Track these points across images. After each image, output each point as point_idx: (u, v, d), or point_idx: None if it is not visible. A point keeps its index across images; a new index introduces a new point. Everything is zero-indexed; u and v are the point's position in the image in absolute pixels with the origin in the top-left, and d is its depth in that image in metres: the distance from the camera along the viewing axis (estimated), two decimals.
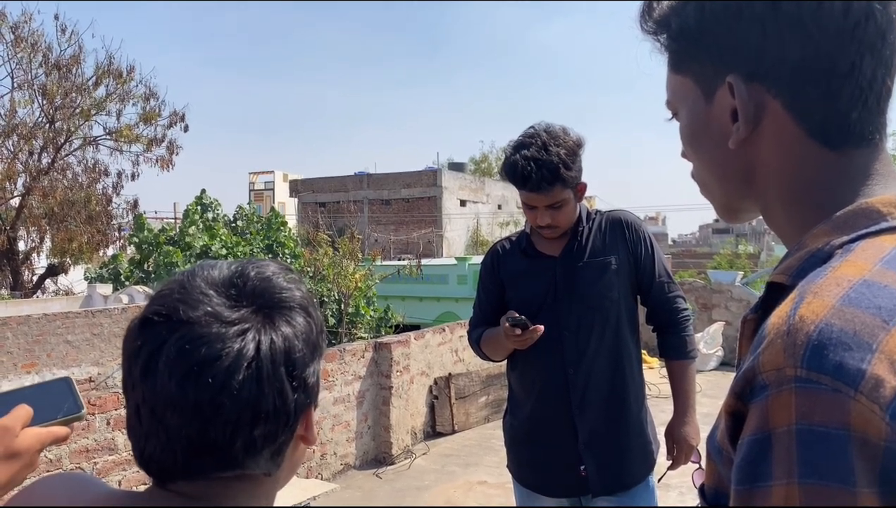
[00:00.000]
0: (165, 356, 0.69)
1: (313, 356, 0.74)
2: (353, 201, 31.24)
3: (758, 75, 0.66)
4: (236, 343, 0.68)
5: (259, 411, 0.69)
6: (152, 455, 0.71)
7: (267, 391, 0.69)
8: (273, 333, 0.71)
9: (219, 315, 0.70)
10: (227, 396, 0.67)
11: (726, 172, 0.73)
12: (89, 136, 18.37)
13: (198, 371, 0.68)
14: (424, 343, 6.78)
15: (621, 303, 2.20)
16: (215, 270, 0.76)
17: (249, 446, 0.70)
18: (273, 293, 0.74)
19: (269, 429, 0.70)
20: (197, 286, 0.73)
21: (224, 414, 0.68)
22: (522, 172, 2.05)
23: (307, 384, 0.73)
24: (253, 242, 17.02)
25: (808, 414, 0.51)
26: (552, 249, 2.23)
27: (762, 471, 0.53)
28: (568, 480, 2.19)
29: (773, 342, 0.55)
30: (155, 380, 0.69)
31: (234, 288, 0.73)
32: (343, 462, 5.86)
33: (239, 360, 0.68)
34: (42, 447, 0.91)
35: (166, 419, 0.69)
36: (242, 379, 0.68)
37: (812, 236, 0.66)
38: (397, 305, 16.86)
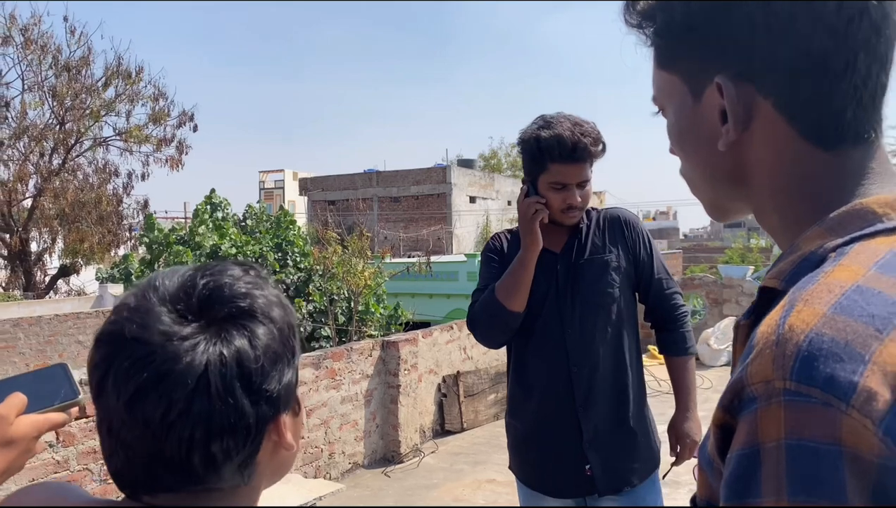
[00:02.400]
0: (113, 376, 0.68)
1: (275, 365, 0.71)
2: (362, 199, 31.27)
3: (748, 75, 0.63)
4: (183, 361, 0.66)
5: (212, 427, 0.67)
6: (118, 470, 0.71)
7: (219, 408, 0.66)
8: (223, 347, 0.68)
9: (166, 332, 0.68)
10: (175, 415, 0.66)
11: (715, 173, 0.70)
12: (99, 137, 18.48)
13: (144, 391, 0.66)
14: (432, 341, 6.77)
15: (622, 300, 2.18)
16: (168, 280, 0.73)
17: (208, 462, 0.68)
18: (224, 303, 0.71)
19: (228, 444, 0.68)
20: (147, 302, 0.71)
21: (175, 432, 0.66)
22: (571, 140, 2.04)
23: (270, 394, 0.70)
24: (262, 240, 17.06)
25: (798, 429, 0.49)
26: (553, 244, 2.20)
27: (751, 488, 0.51)
28: (573, 480, 2.16)
29: (762, 353, 0.53)
30: (107, 399, 0.68)
31: (180, 302, 0.70)
32: (351, 460, 5.85)
33: (185, 378, 0.66)
34: (39, 433, 0.91)
35: (122, 436, 0.68)
36: (190, 397, 0.66)
37: (806, 238, 0.63)
38: (407, 302, 16.87)
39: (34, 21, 17.16)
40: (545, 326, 2.18)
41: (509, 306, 2.13)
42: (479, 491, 5.36)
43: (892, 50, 0.63)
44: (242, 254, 16.30)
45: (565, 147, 2.05)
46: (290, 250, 17.12)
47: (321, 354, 5.66)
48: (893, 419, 0.47)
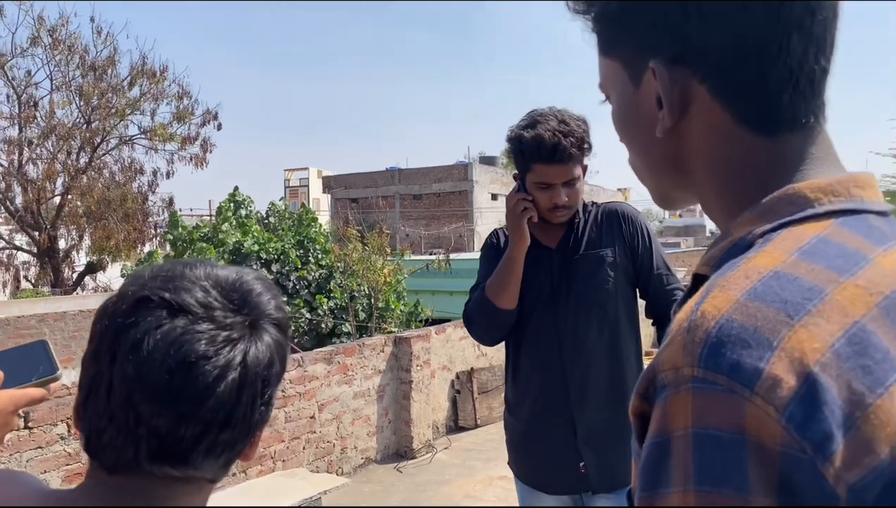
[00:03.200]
0: (161, 339, 0.67)
1: (279, 377, 0.76)
2: (382, 197, 31.37)
3: (682, 59, 0.62)
4: (229, 347, 0.69)
5: (230, 417, 0.70)
6: (109, 443, 0.69)
7: (243, 401, 0.70)
8: (261, 346, 0.72)
9: (219, 317, 0.71)
10: (209, 396, 0.68)
11: (656, 160, 0.70)
12: (125, 135, 18.73)
13: (190, 364, 0.67)
14: (445, 338, 6.78)
15: (619, 296, 2.15)
16: (219, 269, 0.76)
17: (211, 449, 0.70)
18: (265, 308, 0.75)
19: (233, 437, 0.71)
20: (201, 281, 0.73)
21: (201, 413, 0.68)
22: (550, 142, 2.02)
23: (271, 401, 0.75)
24: (284, 238, 17.20)
25: (704, 417, 0.48)
26: (549, 240, 2.19)
27: (662, 477, 0.50)
28: (568, 477, 2.15)
29: (674, 340, 0.52)
30: (141, 362, 0.67)
31: (235, 293, 0.74)
32: (364, 456, 5.88)
33: (230, 364, 0.69)
34: (16, 408, 0.92)
35: (140, 404, 0.67)
36: (227, 384, 0.68)
37: (737, 224, 0.62)
38: (427, 299, 16.86)
39: (62, 22, 17.46)
40: (539, 322, 2.16)
41: (499, 303, 2.13)
42: (491, 488, 5.35)
43: (829, 33, 0.61)
44: (265, 251, 16.44)
45: (545, 149, 2.04)
46: (312, 248, 17.22)
47: (333, 349, 5.70)
48: (797, 406, 0.46)
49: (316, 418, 5.44)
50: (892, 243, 0.58)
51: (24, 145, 17.34)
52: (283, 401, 5.15)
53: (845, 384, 0.47)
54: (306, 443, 5.36)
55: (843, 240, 0.56)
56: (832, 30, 0.61)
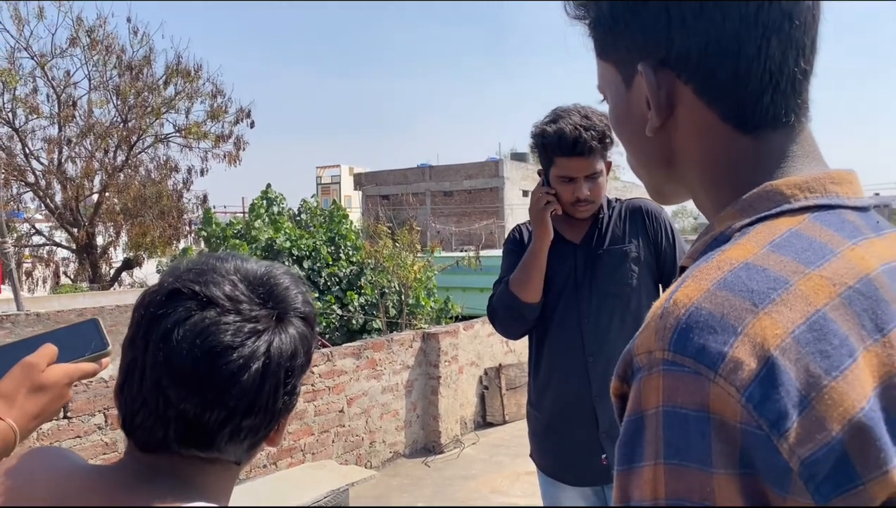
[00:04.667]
0: (189, 329, 0.73)
1: (304, 368, 0.80)
2: (413, 194, 31.44)
3: (667, 62, 0.66)
4: (253, 338, 0.74)
5: (253, 405, 0.74)
6: (142, 423, 0.75)
7: (266, 389, 0.74)
8: (283, 340, 0.76)
9: (245, 309, 0.75)
10: (233, 384, 0.72)
11: (649, 159, 0.74)
12: (160, 133, 19.07)
13: (215, 354, 0.72)
14: (474, 334, 6.80)
15: (641, 291, 2.17)
16: (248, 264, 0.81)
17: (234, 434, 0.75)
18: (291, 302, 0.79)
19: (256, 423, 0.75)
20: (230, 275, 0.78)
21: (225, 400, 0.73)
22: (570, 135, 2.06)
23: (295, 390, 0.79)
24: (316, 235, 17.36)
25: (673, 396, 0.52)
26: (573, 235, 2.22)
27: (637, 453, 0.54)
28: (590, 469, 2.17)
29: (649, 325, 0.56)
30: (171, 350, 0.73)
31: (263, 287, 0.78)
32: (392, 450, 5.94)
33: (254, 354, 0.73)
34: (70, 380, 0.97)
35: (169, 389, 0.73)
36: (251, 373, 0.73)
37: (719, 219, 0.66)
38: (458, 296, 16.86)
39: (100, 23, 17.85)
40: (563, 316, 2.19)
41: (523, 297, 2.16)
42: (518, 483, 5.37)
43: (809, 36, 0.64)
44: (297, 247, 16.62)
45: (566, 142, 2.07)
46: (343, 244, 17.35)
47: (362, 344, 5.76)
48: (757, 387, 0.50)
49: (345, 412, 5.52)
50: (864, 237, 0.61)
51: (63, 144, 17.78)
52: (313, 395, 5.23)
53: (803, 367, 0.51)
54: (335, 436, 5.44)
55: (813, 234, 0.59)
56: (812, 33, 0.64)
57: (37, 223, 20.01)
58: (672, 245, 2.21)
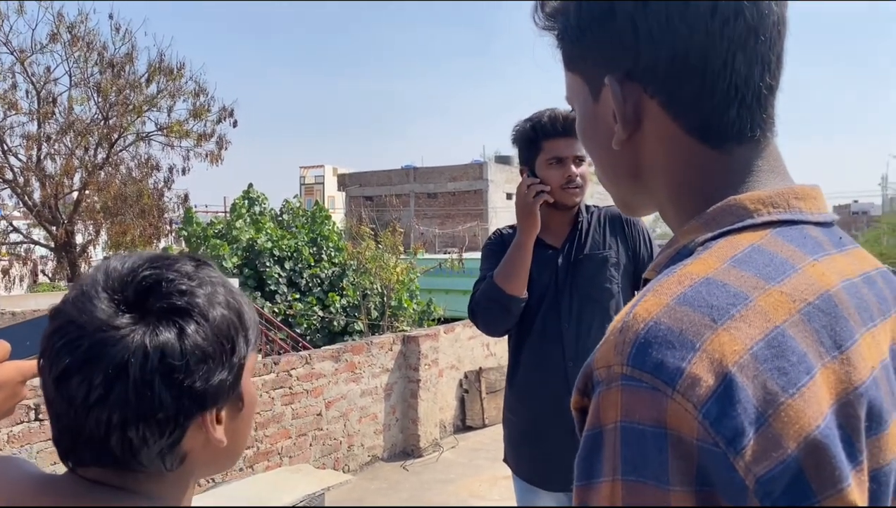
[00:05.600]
0: (49, 351, 0.73)
1: (203, 363, 0.73)
2: (396, 195, 31.40)
3: (634, 75, 0.66)
4: (109, 349, 0.70)
5: (128, 414, 0.70)
6: (55, 438, 0.76)
7: (136, 397, 0.70)
8: (149, 341, 0.71)
9: (100, 321, 0.72)
10: (95, 398, 0.70)
11: (616, 171, 0.73)
12: (142, 131, 18.86)
13: (70, 372, 0.71)
14: (454, 337, 6.79)
15: (621, 296, 2.18)
16: (120, 265, 0.77)
17: (124, 445, 0.71)
18: (160, 298, 0.74)
19: (144, 432, 0.71)
20: (93, 286, 0.75)
21: (94, 414, 0.70)
22: (550, 117, 2.13)
23: (194, 391, 0.73)
24: (298, 235, 17.28)
25: (631, 412, 0.52)
26: (554, 239, 2.23)
27: (595, 468, 0.54)
28: (566, 474, 2.16)
29: (608, 340, 0.56)
30: (44, 373, 0.74)
31: (120, 292, 0.74)
32: (370, 453, 5.91)
33: (107, 365, 0.70)
34: (24, 378, 0.95)
35: (54, 408, 0.74)
36: (110, 384, 0.70)
37: (682, 232, 0.66)
38: (440, 298, 16.87)
39: (81, 19, 17.63)
40: (543, 320, 2.20)
41: (508, 289, 2.15)
42: (496, 487, 5.36)
43: (775, 52, 0.64)
44: (278, 248, 16.52)
45: (556, 121, 2.14)
46: (325, 245, 17.29)
47: (341, 347, 5.73)
48: (714, 404, 0.49)
49: (323, 415, 5.48)
50: (825, 253, 0.61)
51: (42, 141, 17.56)
52: (291, 398, 5.19)
53: (761, 384, 0.50)
54: (313, 440, 5.40)
55: (775, 249, 0.59)
56: (777, 49, 0.64)
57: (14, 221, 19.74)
58: (650, 252, 2.24)
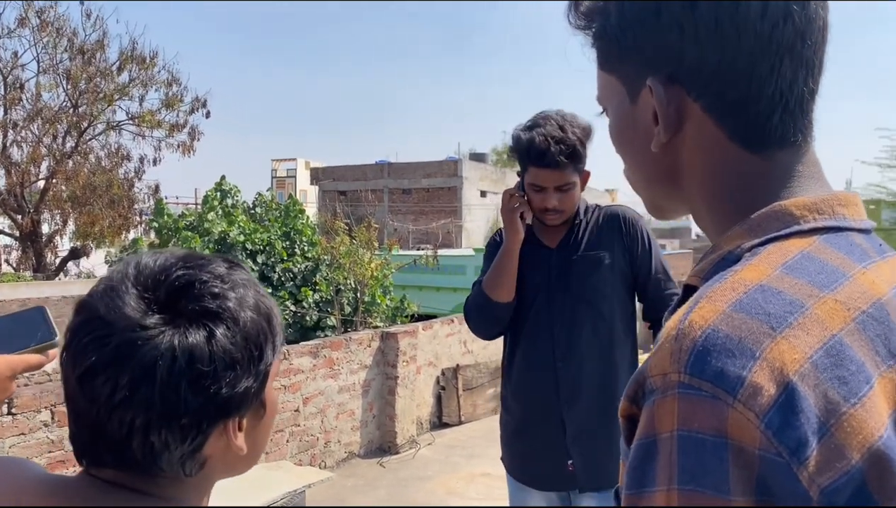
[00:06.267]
0: (74, 346, 0.70)
1: (230, 370, 0.71)
2: (371, 190, 31.28)
3: (678, 78, 0.65)
4: (137, 349, 0.68)
5: (152, 417, 0.68)
6: (73, 436, 0.73)
7: (162, 401, 0.68)
8: (178, 343, 0.69)
9: (129, 318, 0.69)
10: (119, 398, 0.68)
11: (651, 174, 0.73)
12: (112, 120, 18.53)
13: (95, 370, 0.68)
14: (433, 334, 6.79)
15: (614, 298, 2.18)
16: (152, 262, 0.75)
17: (146, 449, 0.69)
18: (192, 300, 0.72)
19: (167, 437, 0.69)
20: (123, 282, 0.72)
21: (117, 415, 0.68)
22: (539, 147, 2.06)
23: (219, 397, 0.71)
24: (271, 229, 17.12)
25: (689, 420, 0.51)
26: (550, 239, 2.23)
27: (648, 476, 0.53)
28: (556, 474, 2.18)
29: (663, 347, 0.55)
30: (67, 367, 0.71)
31: (151, 290, 0.72)
32: (347, 450, 5.89)
33: (134, 366, 0.68)
34: (13, 373, 0.93)
35: (74, 405, 0.72)
36: (136, 385, 0.67)
37: (727, 238, 0.65)
38: (414, 294, 16.85)
39: (50, 4, 17.25)
40: (535, 320, 2.20)
41: (494, 296, 2.18)
42: (473, 485, 5.38)
43: (818, 56, 0.64)
44: (251, 241, 16.35)
45: (535, 152, 2.08)
46: (299, 239, 17.14)
47: (319, 343, 5.69)
48: (776, 413, 0.49)
49: (300, 411, 5.44)
50: (872, 260, 0.61)
51: (8, 128, 17.14)
52: None
53: (822, 394, 0.50)
54: (290, 436, 5.36)
55: (825, 257, 0.59)
56: (820, 53, 0.65)
57: None
58: (648, 253, 2.22)
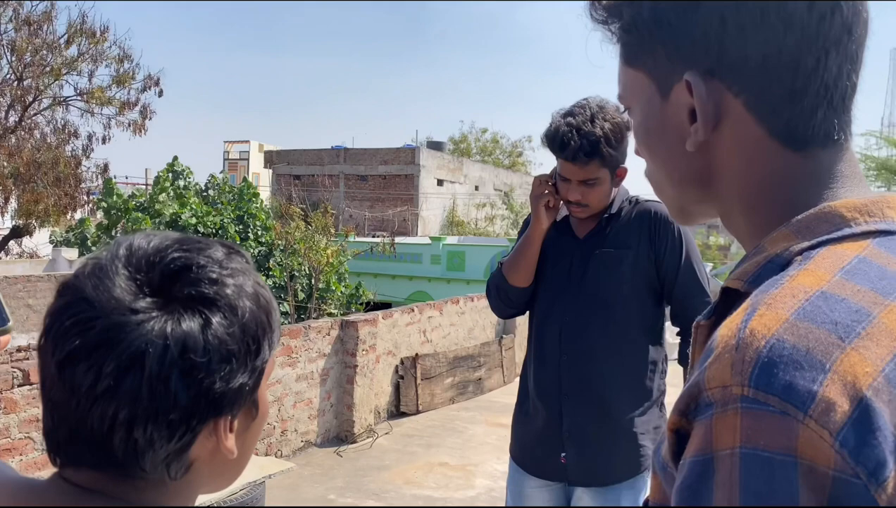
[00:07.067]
0: (55, 331, 0.64)
1: (226, 363, 0.65)
2: (328, 176, 30.94)
3: (718, 72, 0.62)
4: (124, 334, 0.62)
5: (137, 410, 0.62)
6: (48, 431, 0.67)
7: (149, 393, 0.62)
8: (171, 330, 0.63)
9: (118, 300, 0.63)
10: (102, 388, 0.61)
11: (682, 175, 0.69)
12: (59, 96, 17.88)
13: (77, 356, 0.62)
14: (392, 323, 6.74)
15: (632, 299, 2.10)
16: (145, 243, 0.68)
17: (128, 446, 0.63)
18: (187, 284, 0.65)
19: (152, 433, 0.63)
20: (113, 262, 0.66)
21: (99, 406, 0.62)
22: (562, 138, 1.99)
23: (212, 393, 0.64)
24: (224, 212, 16.80)
25: (754, 437, 0.48)
26: (581, 230, 2.17)
27: (703, 495, 0.49)
28: (549, 464, 2.17)
29: (721, 357, 0.51)
30: (46, 353, 0.65)
31: (144, 272, 0.65)
32: (304, 439, 5.82)
33: (121, 353, 0.61)
34: None
35: (52, 395, 0.65)
36: (122, 374, 0.61)
37: (771, 239, 0.62)
38: (369, 282, 16.79)
39: None
40: (550, 309, 2.18)
41: (510, 280, 2.19)
42: (431, 474, 5.37)
43: (862, 50, 0.62)
44: (203, 224, 16.02)
45: (558, 143, 2.01)
46: (252, 224, 16.87)
47: None
48: (851, 431, 0.46)
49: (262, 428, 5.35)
50: None
51: None
52: None
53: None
54: None
55: (882, 262, 0.56)
56: (863, 48, 0.62)
57: None
58: (678, 255, 2.10)
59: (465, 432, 6.42)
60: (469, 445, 6.06)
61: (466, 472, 5.44)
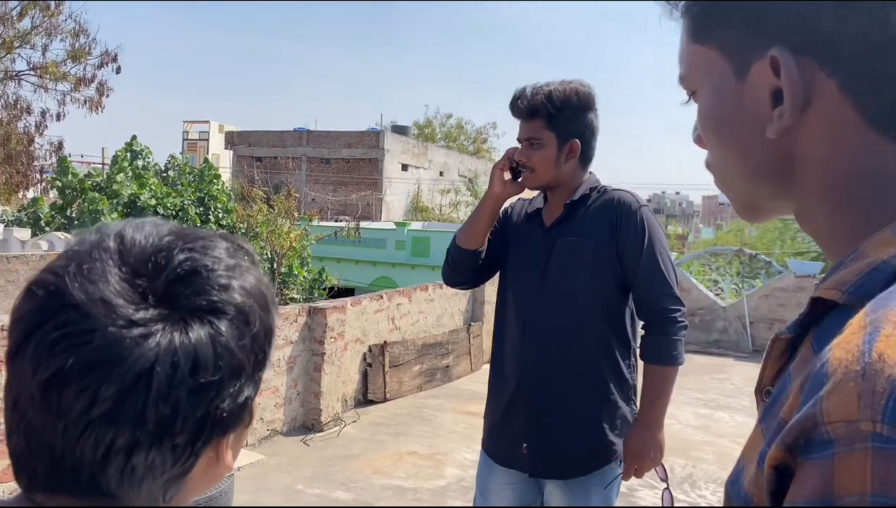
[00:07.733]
0: (36, 342, 0.54)
1: (235, 379, 0.58)
2: (291, 158, 30.46)
3: (809, 48, 0.54)
4: (126, 351, 0.53)
5: (140, 437, 0.54)
6: (16, 453, 0.57)
7: (154, 416, 0.54)
8: (180, 346, 0.54)
9: (116, 309, 0.54)
10: (98, 413, 0.52)
11: (759, 166, 0.61)
12: (11, 70, 17.26)
13: (67, 376, 0.52)
14: (361, 310, 6.64)
15: (595, 290, 2.05)
16: (140, 237, 0.59)
17: (124, 474, 0.55)
18: (198, 293, 0.57)
19: (154, 460, 0.55)
20: (105, 259, 0.56)
21: (94, 434, 0.53)
22: (515, 96, 2.09)
23: (220, 413, 0.57)
24: (184, 193, 16.42)
25: (889, 482, 0.40)
26: (549, 218, 2.15)
27: None
28: (512, 454, 2.15)
29: (843, 386, 0.43)
30: (22, 366, 0.54)
31: (145, 276, 0.56)
32: (270, 427, 5.70)
33: (122, 373, 0.53)
34: None
35: (29, 417, 0.54)
36: (122, 397, 0.53)
37: (873, 243, 0.53)
38: (333, 267, 16.63)
39: None
40: (514, 298, 2.17)
41: (459, 240, 2.21)
42: (401, 464, 5.31)
43: None
44: (163, 206, 15.65)
45: (511, 103, 2.11)
46: (214, 206, 16.55)
47: None
48: None
49: None
50: None
51: None
52: None
53: None
54: None
55: None
56: None
57: None
58: (640, 245, 2.03)
59: (434, 420, 6.37)
60: (438, 433, 6.01)
61: (436, 461, 5.39)
